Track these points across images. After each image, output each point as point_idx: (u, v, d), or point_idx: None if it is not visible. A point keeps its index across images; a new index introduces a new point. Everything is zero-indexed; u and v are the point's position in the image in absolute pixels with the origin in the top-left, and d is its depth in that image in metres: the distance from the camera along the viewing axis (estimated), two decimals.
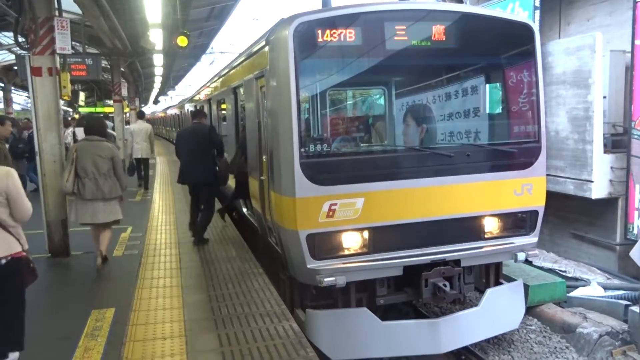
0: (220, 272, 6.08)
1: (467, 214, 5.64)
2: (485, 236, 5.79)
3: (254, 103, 6.64)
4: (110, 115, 21.05)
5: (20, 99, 37.06)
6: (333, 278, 5.10)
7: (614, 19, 10.34)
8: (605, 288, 7.64)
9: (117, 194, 6.44)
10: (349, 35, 5.19)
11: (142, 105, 43.59)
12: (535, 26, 6.45)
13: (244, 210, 8.13)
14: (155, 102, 58.66)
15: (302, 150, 5.11)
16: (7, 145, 6.83)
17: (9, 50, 19.43)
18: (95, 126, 6.62)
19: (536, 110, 5.92)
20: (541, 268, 8.31)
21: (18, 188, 3.81)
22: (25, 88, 22.32)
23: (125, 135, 17.27)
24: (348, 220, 5.19)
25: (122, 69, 22.17)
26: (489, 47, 6.00)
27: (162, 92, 47.95)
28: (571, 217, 9.81)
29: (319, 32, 5.10)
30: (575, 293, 7.57)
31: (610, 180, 8.67)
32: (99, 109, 36.35)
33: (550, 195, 6.73)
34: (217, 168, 7.87)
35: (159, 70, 26.73)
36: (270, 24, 5.98)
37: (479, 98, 6.23)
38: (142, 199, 11.16)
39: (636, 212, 8.26)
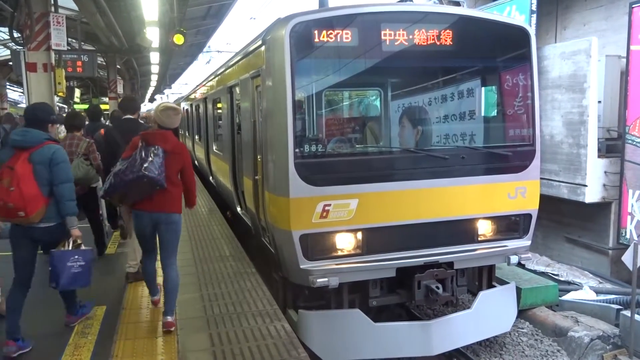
0: (212, 271, 6.05)
1: (460, 216, 5.64)
2: (479, 239, 5.79)
3: (249, 102, 6.62)
4: (106, 112, 21.02)
5: (14, 95, 36.85)
6: (326, 279, 5.09)
7: (610, 24, 10.40)
8: (598, 292, 7.67)
9: None
10: (346, 36, 5.18)
11: None
12: (532, 30, 6.45)
13: (238, 209, 8.11)
14: (151, 100, 58.42)
15: (297, 150, 5.10)
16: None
17: (4, 45, 19.32)
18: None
19: (531, 113, 5.93)
20: (534, 271, 8.34)
21: None
22: (20, 84, 22.21)
23: None
24: (342, 221, 5.18)
25: (118, 66, 22.13)
26: (485, 50, 6.00)
27: (159, 90, 47.80)
28: (564, 221, 9.84)
29: (316, 32, 5.09)
30: (567, 297, 7.60)
31: (604, 185, 8.71)
32: None
33: (544, 199, 6.74)
34: None
35: (155, 68, 26.70)
36: (267, 24, 5.97)
37: (474, 101, 6.23)
38: None
39: (629, 217, 8.29)
